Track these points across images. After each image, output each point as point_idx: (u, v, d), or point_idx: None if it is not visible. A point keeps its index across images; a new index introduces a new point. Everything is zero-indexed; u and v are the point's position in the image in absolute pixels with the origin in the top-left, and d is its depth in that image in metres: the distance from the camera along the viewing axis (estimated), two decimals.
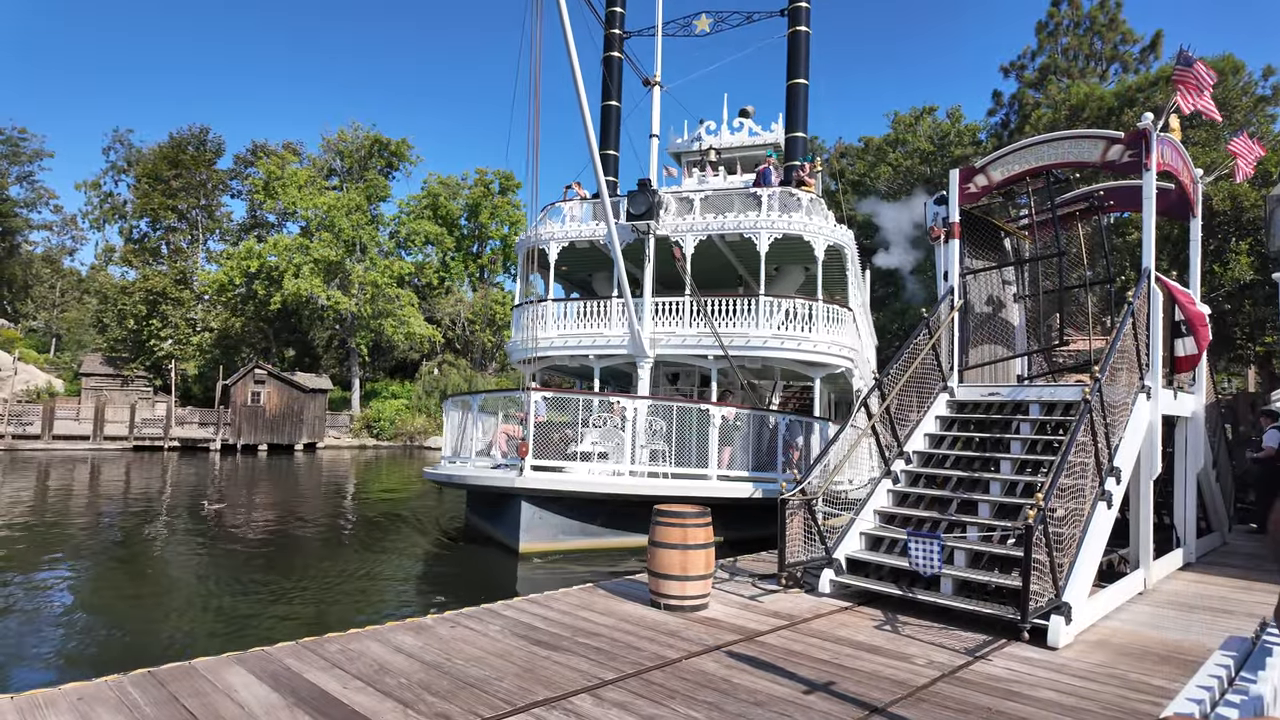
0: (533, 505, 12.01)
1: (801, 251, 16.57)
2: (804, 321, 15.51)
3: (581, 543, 12.35)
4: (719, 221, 16.10)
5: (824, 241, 15.85)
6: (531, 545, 11.99)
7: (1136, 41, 37.29)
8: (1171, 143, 9.50)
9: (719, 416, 13.02)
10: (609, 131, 20.49)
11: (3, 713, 4.13)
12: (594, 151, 14.00)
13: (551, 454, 12.55)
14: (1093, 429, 7.20)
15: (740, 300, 15.82)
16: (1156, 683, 5.29)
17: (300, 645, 5.52)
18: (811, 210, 16.02)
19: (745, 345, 15.42)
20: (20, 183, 61.51)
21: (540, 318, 17.34)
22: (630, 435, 12.69)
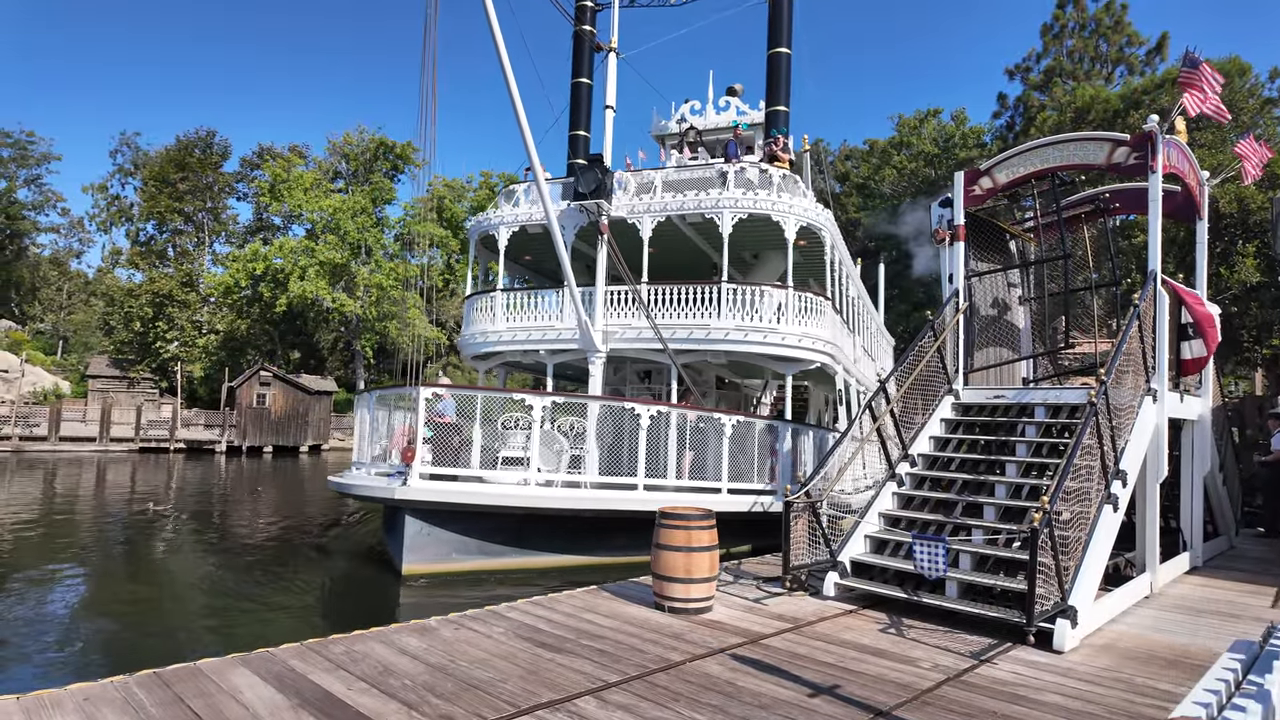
0: (419, 520, 10.37)
1: (777, 235, 15.06)
2: (772, 311, 13.99)
3: (481, 564, 10.66)
4: (678, 201, 14.56)
5: (795, 222, 14.28)
6: (417, 566, 10.32)
7: (1142, 43, 37.23)
8: (1177, 145, 9.48)
9: (648, 416, 11.44)
10: (579, 110, 18.97)
11: (9, 713, 4.14)
12: (521, 121, 12.52)
13: (450, 460, 10.87)
14: (1098, 432, 7.18)
15: (699, 288, 14.23)
16: (1163, 687, 5.27)
17: (305, 646, 5.53)
18: (784, 188, 14.47)
19: (705, 338, 13.94)
20: (28, 186, 61.83)
21: (489, 310, 16.02)
22: (535, 439, 10.99)
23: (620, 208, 14.72)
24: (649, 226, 14.54)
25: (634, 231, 14.57)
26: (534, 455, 10.98)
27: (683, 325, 14.11)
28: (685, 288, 14.29)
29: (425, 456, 10.69)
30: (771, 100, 17.48)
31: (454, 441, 10.96)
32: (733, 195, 14.16)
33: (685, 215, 14.52)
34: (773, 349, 13.86)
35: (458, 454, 10.97)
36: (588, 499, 11.05)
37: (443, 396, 11.11)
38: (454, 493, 10.48)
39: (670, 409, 12.05)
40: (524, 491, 10.80)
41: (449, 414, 11.04)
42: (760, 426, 12.98)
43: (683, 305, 14.29)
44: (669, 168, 15.56)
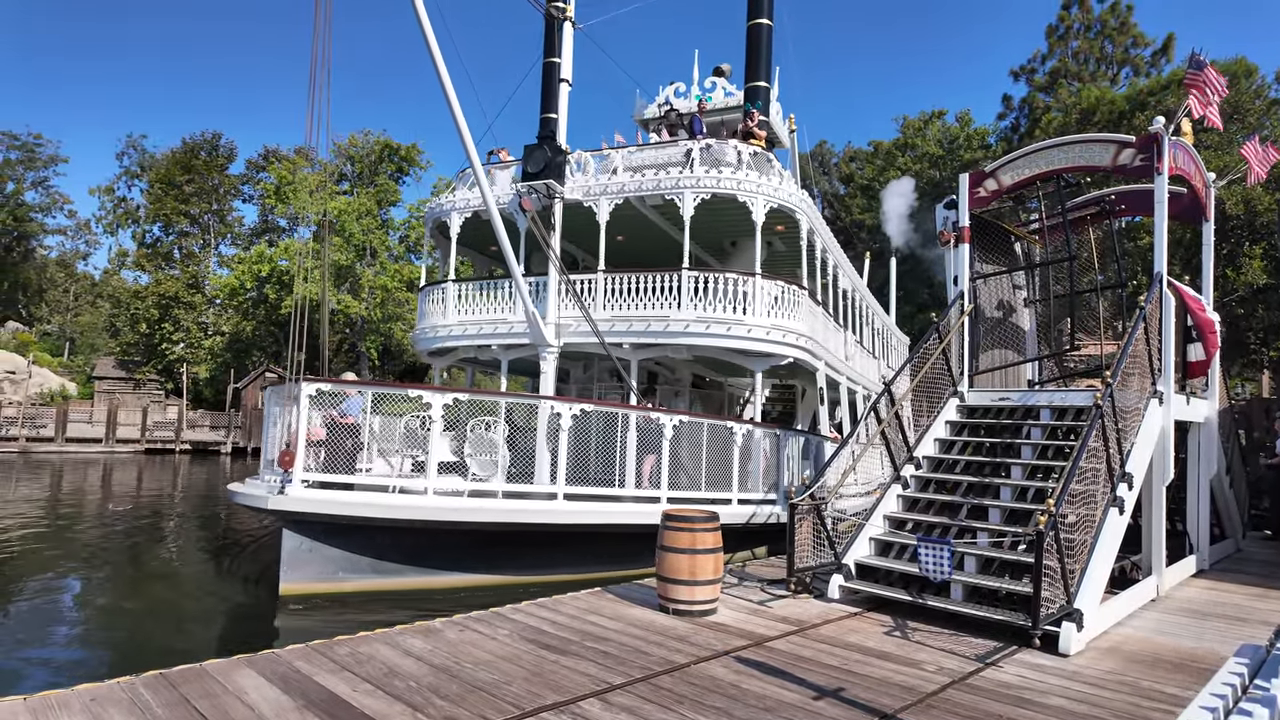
0: (299, 534, 9.10)
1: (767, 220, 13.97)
2: (737, 301, 12.69)
3: (373, 584, 9.43)
4: (636, 182, 13.30)
5: (764, 203, 13.04)
6: (296, 586, 9.00)
7: (1148, 45, 37.17)
8: (1184, 147, 9.46)
9: (570, 416, 10.29)
10: (552, 91, 17.28)
11: (16, 713, 4.16)
12: (449, 96, 11.20)
13: (345, 465, 9.54)
14: (1104, 434, 7.16)
15: (659, 276, 13.02)
16: (1170, 690, 5.25)
17: (310, 648, 5.54)
18: (753, 166, 13.35)
19: (664, 331, 12.74)
20: (35, 188, 62.13)
21: (441, 302, 14.92)
22: (434, 442, 9.72)
23: (576, 189, 13.66)
24: (606, 209, 13.40)
25: (591, 215, 13.56)
26: (432, 460, 9.64)
27: (640, 317, 12.96)
28: (643, 275, 13.11)
29: (309, 462, 9.36)
30: (751, 75, 16.39)
31: (349, 444, 9.58)
32: (694, 174, 12.99)
33: (645, 197, 13.37)
34: (737, 342, 12.63)
35: (354, 458, 9.61)
36: (496, 511, 9.68)
37: (349, 395, 9.82)
38: (337, 503, 9.11)
39: (603, 409, 11.05)
40: (421, 503, 9.42)
41: (352, 413, 9.71)
42: (714, 428, 11.58)
43: (641, 295, 13.09)
44: (630, 147, 14.46)
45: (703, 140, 13.73)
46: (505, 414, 10.83)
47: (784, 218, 13.86)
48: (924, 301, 40.72)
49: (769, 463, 12.22)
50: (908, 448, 9.07)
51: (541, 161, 13.02)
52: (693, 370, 17.28)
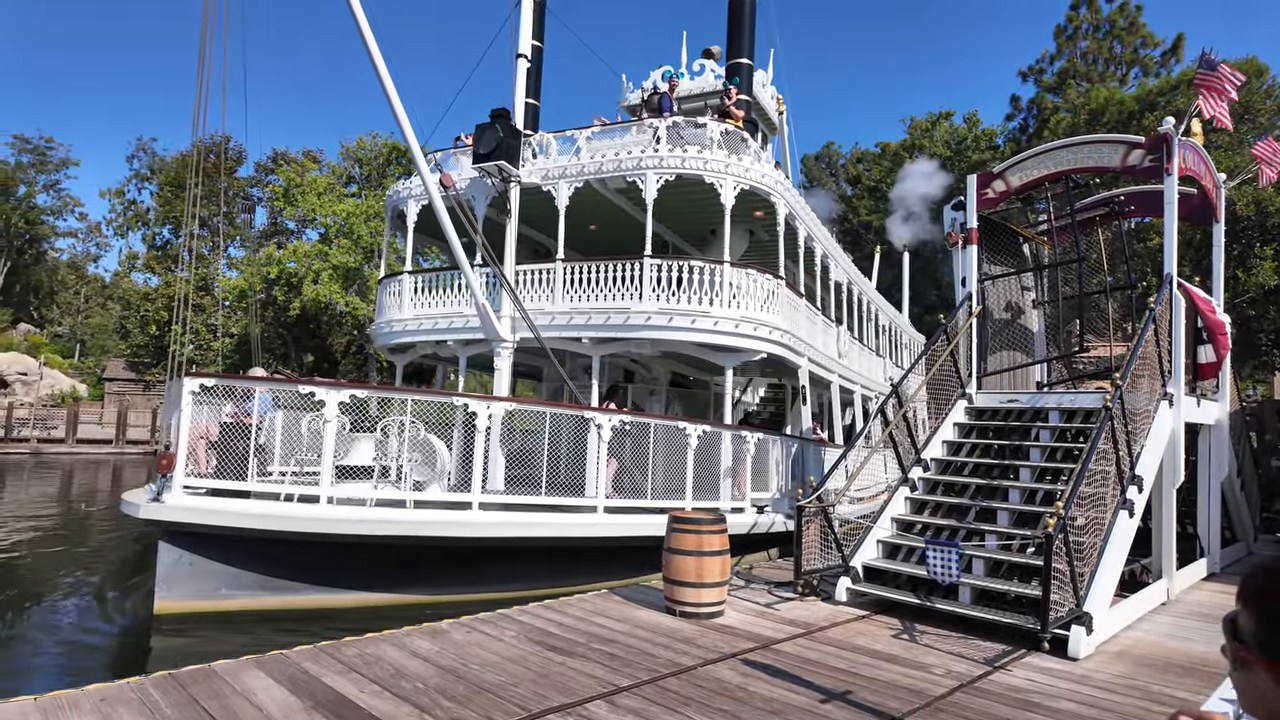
0: (176, 546, 8.10)
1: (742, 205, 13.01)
2: (705, 291, 11.69)
3: (262, 601, 8.36)
4: (596, 163, 12.37)
5: (734, 184, 12.01)
6: (172, 604, 7.97)
7: (1157, 45, 36.96)
8: (1194, 147, 9.41)
9: (488, 416, 9.20)
10: (531, 76, 16.55)
11: (26, 714, 4.19)
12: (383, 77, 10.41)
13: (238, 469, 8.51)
14: (1114, 436, 7.12)
15: (620, 265, 12.02)
16: (1180, 695, 5.21)
17: (318, 649, 5.56)
18: (725, 145, 12.33)
19: (625, 324, 11.75)
20: (47, 191, 62.62)
21: (397, 295, 14.17)
22: (328, 444, 8.60)
23: (535, 173, 12.71)
24: (566, 193, 12.45)
25: (550, 200, 12.66)
26: (325, 464, 8.54)
27: (599, 309, 11.95)
28: (603, 264, 12.16)
29: (195, 467, 8.48)
30: (734, 51, 15.45)
31: (247, 446, 8.54)
32: (656, 154, 11.98)
33: (606, 179, 12.39)
34: (704, 336, 11.62)
35: (249, 462, 8.56)
36: (398, 524, 8.58)
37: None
38: (217, 512, 8.18)
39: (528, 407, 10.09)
40: (313, 513, 8.35)
41: (260, 412, 8.78)
42: (667, 430, 10.55)
43: (601, 285, 12.09)
44: (594, 126, 13.43)
45: (669, 118, 12.70)
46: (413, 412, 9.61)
47: (759, 202, 12.83)
48: (931, 302, 40.59)
49: (737, 467, 11.21)
50: (915, 450, 9.03)
51: (492, 142, 11.90)
52: (671, 368, 16.16)
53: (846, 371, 16.62)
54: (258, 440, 8.63)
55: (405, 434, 9.30)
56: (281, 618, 8.23)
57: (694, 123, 12.58)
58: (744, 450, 11.24)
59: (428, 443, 9.55)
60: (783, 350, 12.40)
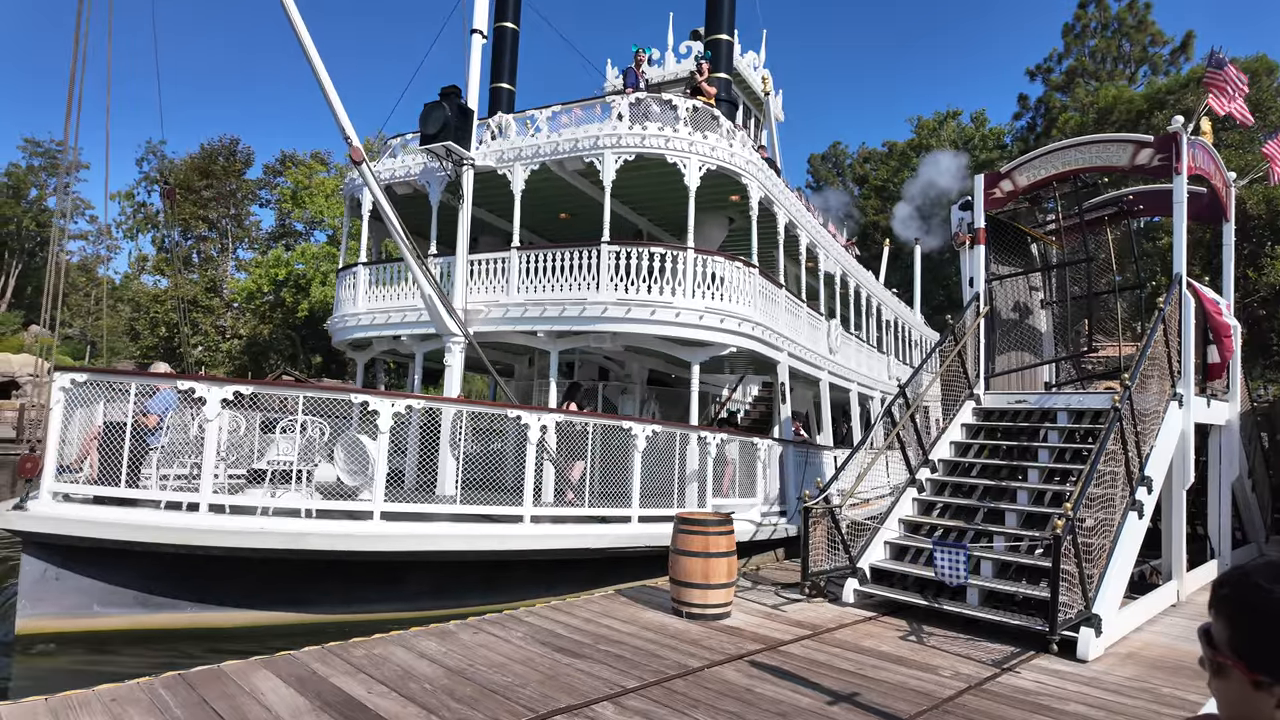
0: (42, 559, 7.27)
1: (719, 189, 12.22)
2: (666, 280, 10.85)
3: (138, 620, 7.47)
4: (552, 143, 11.56)
5: (699, 164, 11.12)
6: (36, 623, 7.13)
7: (1166, 43, 36.77)
8: (1203, 146, 9.36)
9: (390, 415, 8.14)
10: (503, 60, 16.17)
11: (37, 713, 4.22)
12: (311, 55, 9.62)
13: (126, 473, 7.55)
14: (1123, 437, 7.09)
15: (576, 253, 11.24)
16: (1191, 698, 5.18)
17: (326, 650, 5.58)
18: (691, 122, 11.37)
19: (580, 316, 10.96)
20: (58, 194, 63.13)
21: (352, 288, 13.48)
22: (209, 444, 7.71)
23: (489, 155, 11.93)
24: (521, 176, 11.67)
25: (505, 184, 11.92)
26: (206, 467, 7.64)
27: (554, 300, 11.16)
28: (560, 252, 11.41)
29: (80, 469, 7.74)
30: (712, 27, 14.51)
31: (136, 448, 7.69)
32: (614, 131, 11.10)
33: (564, 160, 11.58)
34: (663, 328, 10.77)
35: (139, 465, 7.79)
36: (284, 536, 7.60)
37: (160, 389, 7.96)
38: (86, 522, 7.30)
39: (434, 404, 9.19)
40: (193, 523, 7.47)
41: (155, 411, 7.98)
42: (609, 431, 9.70)
43: (557, 275, 11.29)
44: (555, 105, 12.53)
45: (632, 94, 11.76)
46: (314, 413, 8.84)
47: (734, 185, 11.99)
48: (940, 302, 40.47)
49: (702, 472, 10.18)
50: (923, 451, 9.01)
51: (439, 121, 11.02)
52: (648, 365, 14.97)
53: (839, 369, 15.94)
54: (158, 442, 7.87)
55: (306, 434, 8.58)
56: (161, 638, 7.45)
57: (659, 99, 11.63)
58: (705, 453, 10.13)
59: (358, 444, 8.60)
60: (755, 344, 11.60)
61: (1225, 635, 1.07)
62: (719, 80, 13.95)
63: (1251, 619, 1.04)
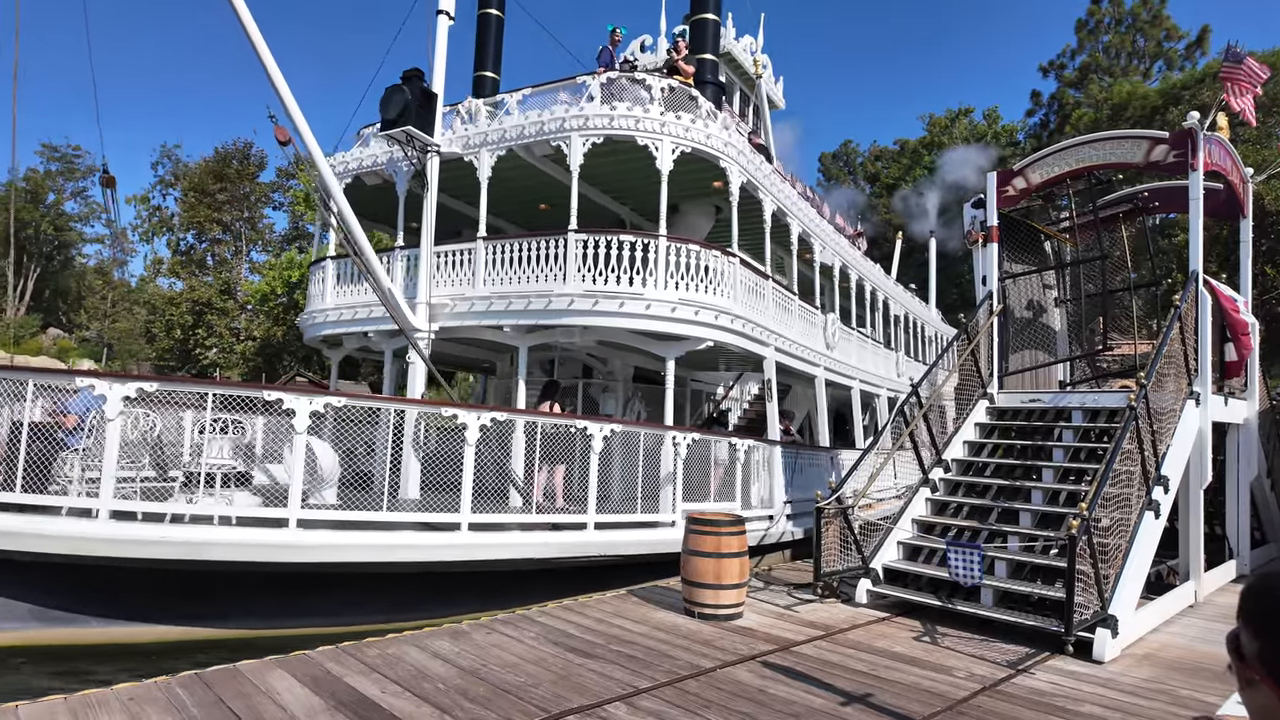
0: None
1: (699, 176, 11.63)
2: (634, 269, 10.22)
3: (35, 635, 6.91)
4: (518, 126, 10.97)
5: (672, 146, 10.49)
6: None
7: (1182, 37, 36.43)
8: (1220, 142, 9.26)
9: (309, 414, 7.42)
10: (487, 47, 15.61)
11: (56, 712, 4.27)
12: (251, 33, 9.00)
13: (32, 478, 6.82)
14: (1139, 436, 7.02)
15: (541, 242, 10.64)
16: (1209, 699, 5.13)
17: (340, 650, 5.62)
18: (667, 102, 10.72)
19: (546, 309, 10.37)
20: (74, 198, 63.92)
21: (321, 283, 13.16)
22: (112, 449, 6.96)
23: (455, 141, 11.43)
24: (488, 163, 11.14)
25: (472, 172, 11.39)
26: (106, 472, 6.89)
27: (520, 293, 10.58)
28: (524, 242, 10.82)
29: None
30: (698, 6, 13.77)
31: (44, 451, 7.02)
32: (581, 112, 10.47)
33: (531, 145, 10.96)
34: (633, 321, 10.17)
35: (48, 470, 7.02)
36: (199, 544, 6.97)
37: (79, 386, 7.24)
38: None
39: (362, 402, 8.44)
40: (95, 531, 6.79)
41: (78, 411, 7.42)
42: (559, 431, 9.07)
43: (524, 266, 10.70)
44: (527, 88, 11.87)
45: (603, 73, 11.09)
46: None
47: (714, 169, 11.35)
48: (953, 301, 40.24)
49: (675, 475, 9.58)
50: (936, 450, 8.96)
51: (399, 106, 10.44)
52: (633, 362, 14.13)
53: (838, 365, 15.28)
54: (79, 444, 7.33)
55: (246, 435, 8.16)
56: (57, 655, 6.89)
57: (633, 78, 11.00)
58: (675, 455, 9.54)
59: (312, 448, 8.15)
60: (736, 338, 10.96)
61: (1255, 648, 1.04)
62: (706, 62, 13.45)
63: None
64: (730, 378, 17.21)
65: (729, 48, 17.30)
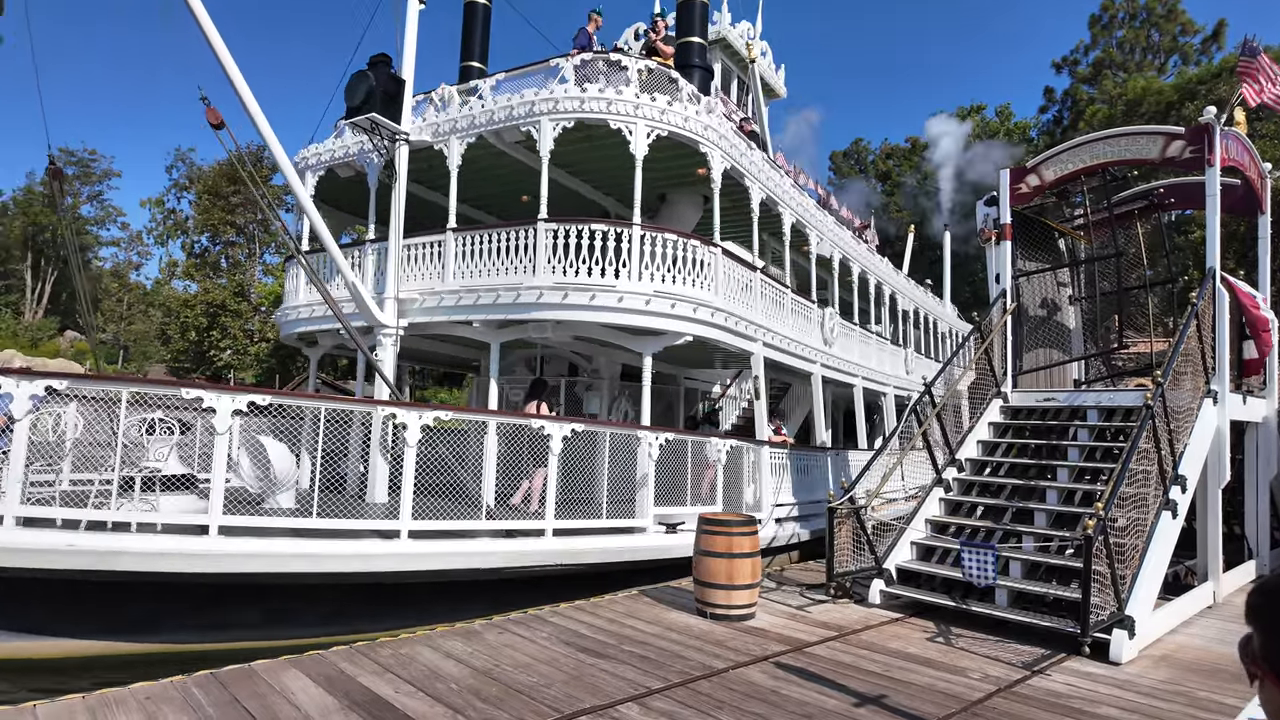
0: None
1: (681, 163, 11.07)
2: (606, 260, 9.69)
3: None
4: (487, 112, 10.48)
5: (647, 129, 9.96)
6: None
7: (1197, 32, 36.04)
8: (1237, 137, 9.15)
9: (230, 413, 6.87)
10: (473, 36, 14.96)
11: (74, 711, 4.32)
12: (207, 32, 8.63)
13: None
14: (1155, 435, 6.95)
15: (511, 232, 10.14)
16: (1229, 701, 5.06)
17: (354, 650, 5.65)
18: (646, 84, 10.24)
19: (515, 303, 9.84)
20: (91, 202, 64.67)
21: (296, 278, 12.78)
22: (19, 452, 6.48)
23: (425, 129, 10.97)
24: (458, 150, 10.67)
25: (442, 161, 10.93)
26: (13, 476, 6.43)
27: (488, 287, 10.08)
28: (495, 233, 10.31)
29: None
30: None
31: None
32: (551, 95, 9.95)
33: (501, 130, 10.42)
34: (604, 315, 9.65)
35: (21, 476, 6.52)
36: (107, 553, 6.45)
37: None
38: None
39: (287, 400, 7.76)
40: (3, 539, 6.33)
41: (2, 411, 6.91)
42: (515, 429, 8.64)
43: (494, 257, 10.21)
44: (500, 73, 11.41)
45: (577, 55, 10.55)
46: None
47: (691, 153, 10.73)
48: (965, 299, 40.00)
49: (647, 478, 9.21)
50: (949, 450, 8.90)
51: (364, 92, 10.01)
52: (620, 359, 13.41)
53: (837, 362, 14.70)
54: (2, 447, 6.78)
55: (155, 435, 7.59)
56: None
57: (608, 60, 10.45)
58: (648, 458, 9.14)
59: (259, 446, 7.87)
60: (718, 333, 10.42)
61: (1259, 645, 1.10)
62: (694, 45, 13.01)
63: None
64: (728, 375, 16.47)
65: (724, 33, 16.81)
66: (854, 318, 16.50)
